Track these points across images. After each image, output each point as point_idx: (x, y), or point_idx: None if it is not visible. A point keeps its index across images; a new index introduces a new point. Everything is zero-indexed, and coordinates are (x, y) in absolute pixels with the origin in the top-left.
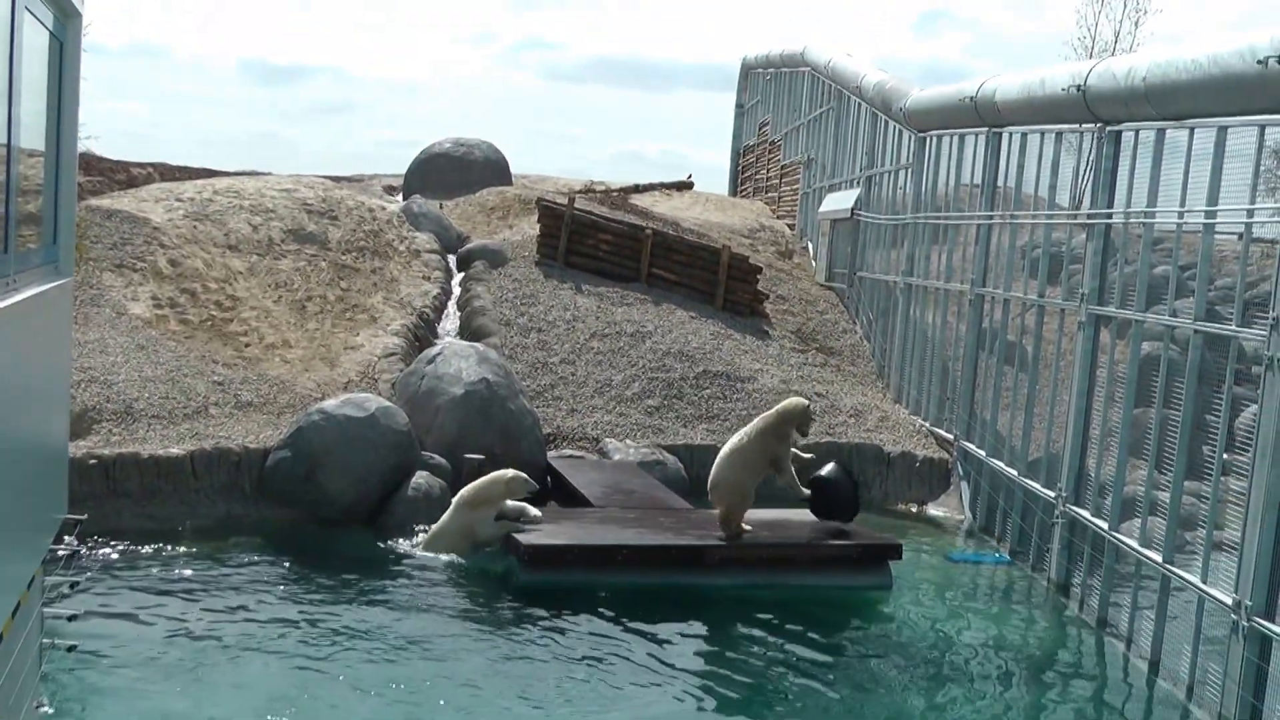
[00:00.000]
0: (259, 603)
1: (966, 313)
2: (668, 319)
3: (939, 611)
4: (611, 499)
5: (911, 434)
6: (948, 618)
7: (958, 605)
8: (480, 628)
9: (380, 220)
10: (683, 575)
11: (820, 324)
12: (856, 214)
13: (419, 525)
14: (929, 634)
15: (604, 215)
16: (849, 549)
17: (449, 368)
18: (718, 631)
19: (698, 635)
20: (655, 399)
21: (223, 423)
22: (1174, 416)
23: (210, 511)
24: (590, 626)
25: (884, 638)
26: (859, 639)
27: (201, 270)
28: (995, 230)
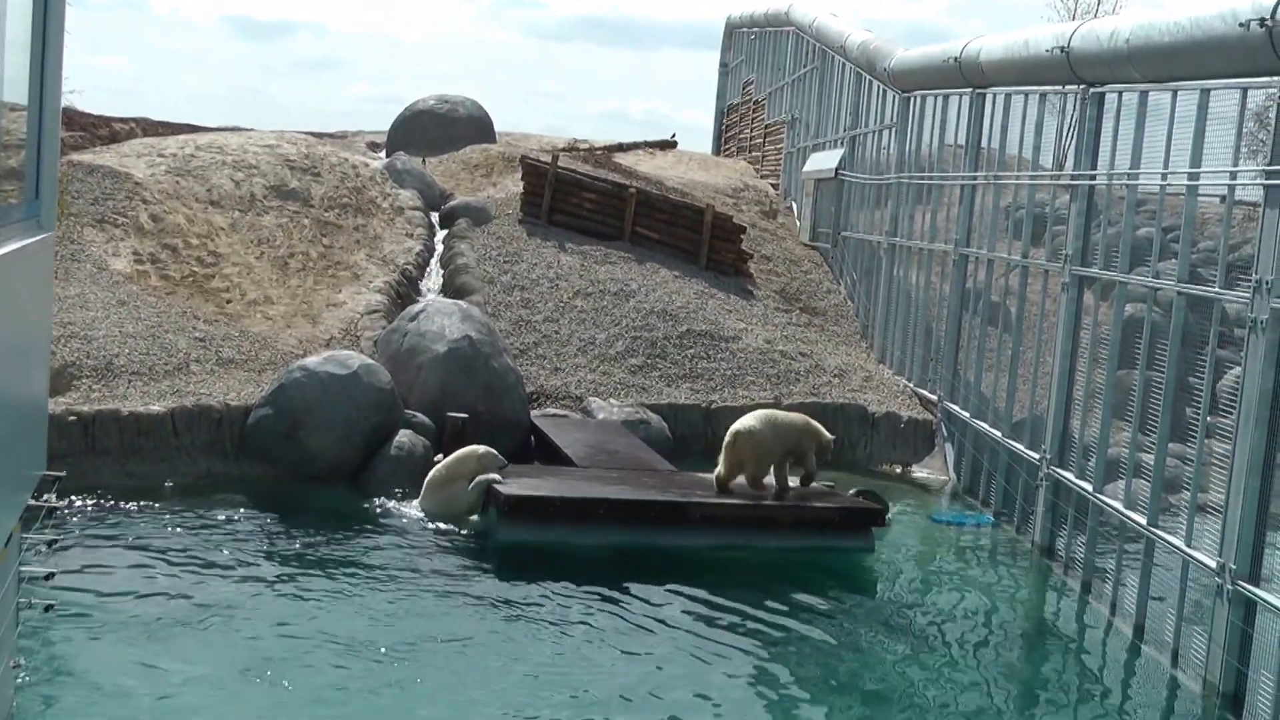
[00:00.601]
0: (240, 562)
1: (950, 273)
2: (651, 278)
3: (922, 574)
4: (595, 459)
5: (895, 394)
6: (931, 580)
7: (941, 567)
8: (461, 588)
9: (363, 177)
10: (664, 534)
11: (804, 284)
12: (840, 174)
13: (398, 489)
14: (911, 597)
15: (588, 174)
16: (831, 511)
17: (432, 325)
18: (699, 595)
19: (678, 598)
20: (639, 358)
21: (204, 380)
22: (1157, 378)
23: (191, 469)
24: (569, 589)
25: (866, 601)
26: (841, 602)
27: (183, 226)
28: (979, 191)
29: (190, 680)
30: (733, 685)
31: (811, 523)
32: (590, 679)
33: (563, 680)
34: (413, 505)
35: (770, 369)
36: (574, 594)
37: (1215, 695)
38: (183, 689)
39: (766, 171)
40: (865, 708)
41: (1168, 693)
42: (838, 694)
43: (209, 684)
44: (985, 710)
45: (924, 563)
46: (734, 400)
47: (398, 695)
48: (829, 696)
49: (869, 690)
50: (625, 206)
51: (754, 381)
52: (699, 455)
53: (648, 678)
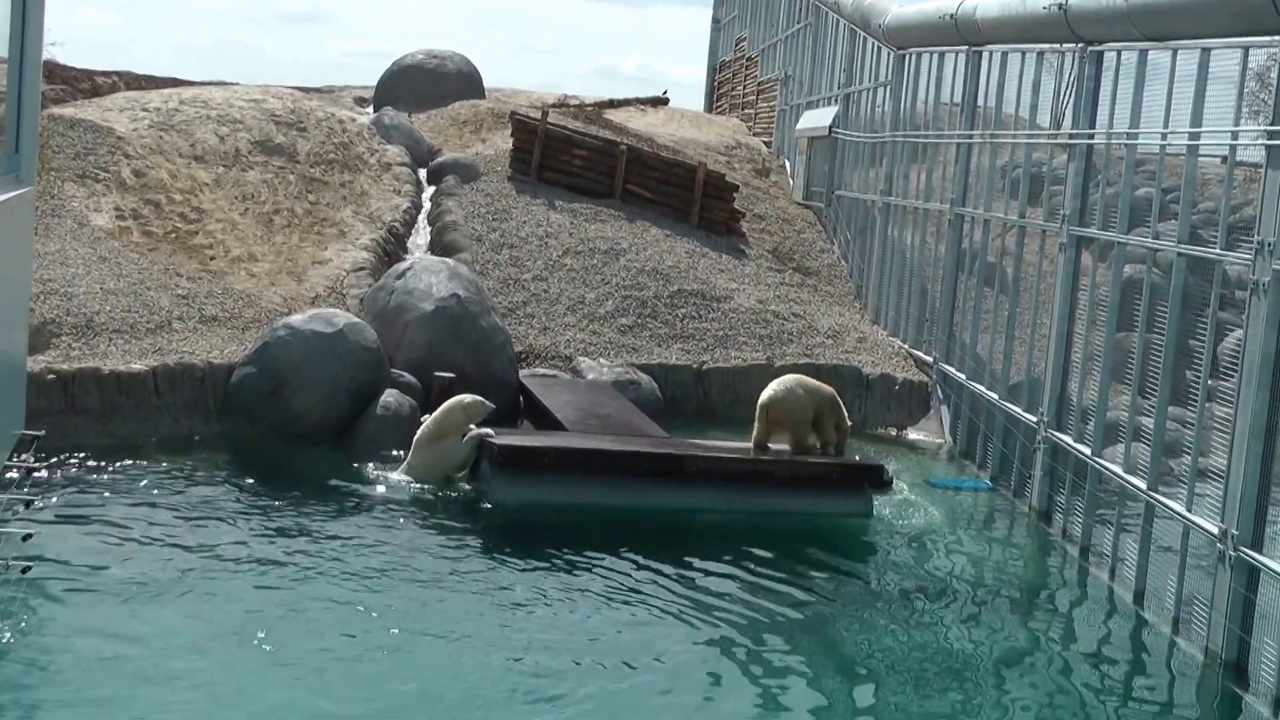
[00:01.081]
0: (222, 524)
1: (946, 233)
2: (642, 236)
3: (917, 538)
4: (586, 424)
5: (890, 356)
6: (925, 545)
7: (937, 532)
8: (451, 550)
9: (350, 132)
10: (659, 490)
11: (797, 243)
12: (834, 132)
13: (385, 450)
14: (908, 562)
15: (578, 130)
16: (828, 468)
17: (419, 283)
18: (695, 562)
19: (672, 562)
20: (629, 317)
21: (186, 337)
22: (1157, 341)
23: (173, 429)
24: (563, 553)
25: (862, 566)
26: (837, 567)
27: (166, 181)
28: (975, 150)
29: (172, 645)
30: (726, 651)
31: (809, 480)
32: (585, 645)
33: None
34: (397, 471)
35: (762, 330)
36: (568, 557)
37: (1217, 664)
38: (164, 654)
39: (759, 129)
40: (860, 674)
41: (1169, 661)
42: (832, 659)
43: (191, 649)
44: (983, 677)
45: (919, 527)
46: (725, 361)
47: (386, 662)
48: (824, 662)
49: (863, 656)
50: (616, 164)
51: (746, 342)
52: (690, 417)
53: (643, 644)
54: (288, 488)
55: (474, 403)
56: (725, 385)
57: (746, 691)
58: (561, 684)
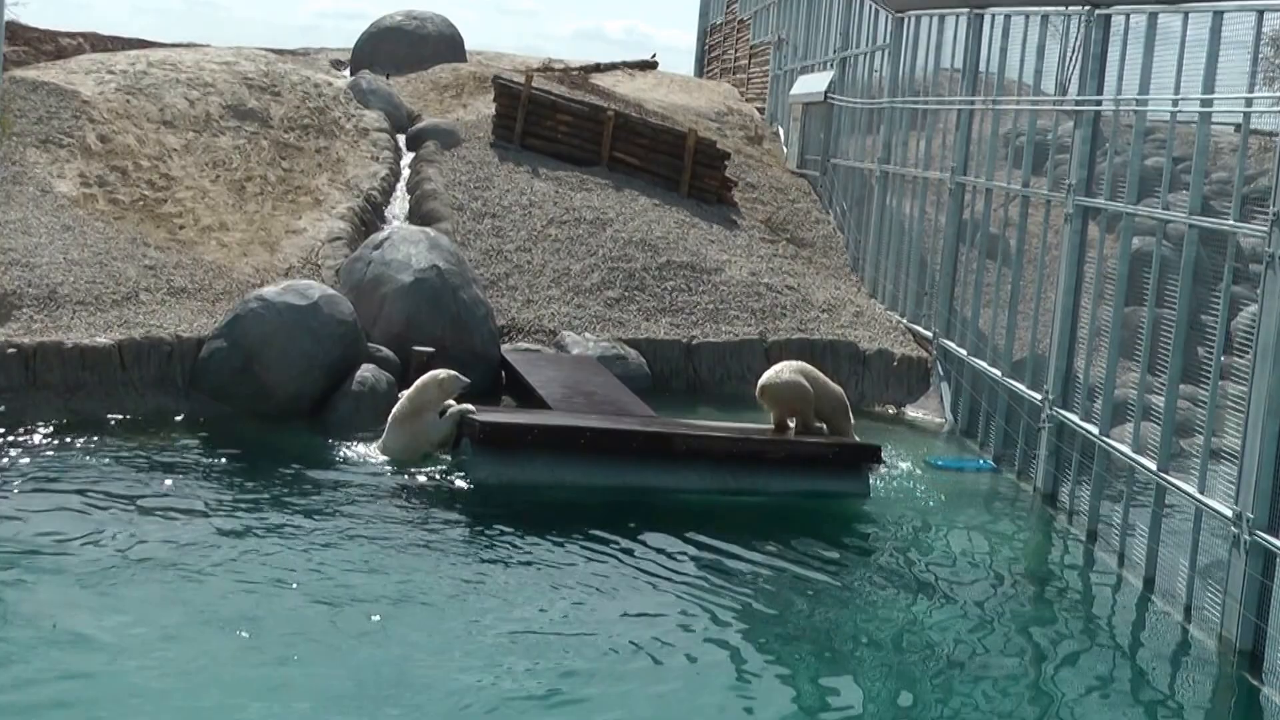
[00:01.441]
0: (191, 504)
1: (946, 203)
2: (630, 206)
3: (918, 522)
4: (571, 402)
5: (888, 331)
6: (927, 529)
7: (938, 515)
8: (431, 533)
9: (326, 96)
10: (648, 470)
11: (791, 213)
12: (830, 98)
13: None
14: (906, 546)
15: (563, 95)
16: (825, 448)
17: (397, 254)
18: (685, 545)
19: (662, 546)
20: (616, 290)
21: (154, 310)
22: (1168, 316)
23: (139, 405)
24: (547, 537)
25: (859, 551)
26: (833, 552)
27: (133, 147)
28: (977, 116)
29: (138, 631)
30: (719, 638)
31: (804, 460)
32: (573, 635)
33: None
34: (373, 447)
35: (755, 303)
36: (553, 540)
37: (1232, 652)
38: (130, 639)
39: (752, 95)
40: (857, 663)
41: (1181, 650)
42: (828, 648)
43: (160, 635)
44: (985, 666)
45: (919, 510)
46: (716, 335)
47: (367, 651)
48: (820, 651)
49: (861, 645)
50: (603, 130)
51: (737, 316)
52: (679, 394)
53: (632, 633)
54: (259, 467)
55: (449, 378)
56: (716, 361)
57: (737, 681)
58: (552, 676)
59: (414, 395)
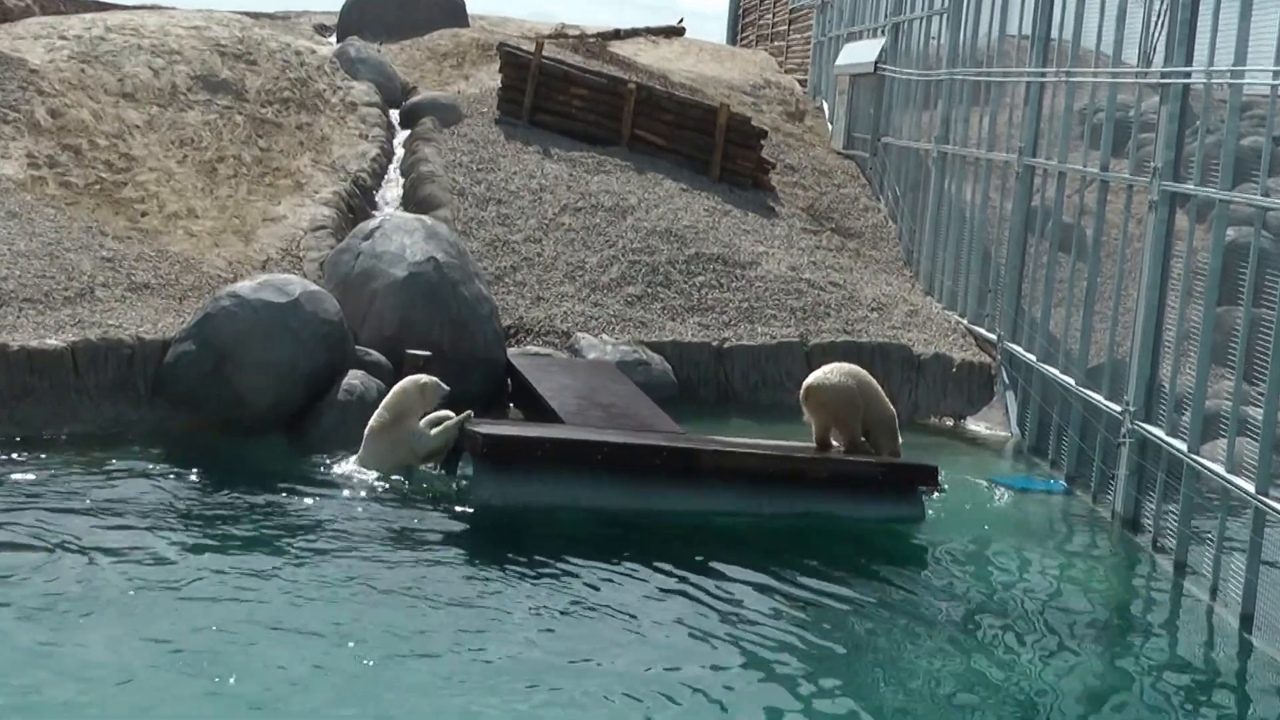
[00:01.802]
0: (153, 530)
1: (1013, 188)
2: (653, 191)
3: (979, 551)
4: (587, 415)
5: (946, 333)
6: (989, 560)
7: (1002, 544)
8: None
9: (309, 66)
10: (673, 492)
11: (836, 199)
12: (881, 68)
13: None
14: (967, 581)
15: (578, 66)
16: (874, 467)
17: (390, 244)
18: (715, 576)
19: (692, 582)
20: (637, 286)
21: (112, 308)
22: (1267, 316)
23: (94, 416)
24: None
25: (913, 584)
26: (881, 587)
27: (89, 123)
28: (1048, 90)
29: (94, 674)
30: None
31: (850, 480)
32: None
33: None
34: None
35: (795, 301)
36: (566, 570)
37: None
38: (85, 683)
39: (792, 65)
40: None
41: None
42: (880, 693)
43: (117, 678)
44: (1059, 716)
45: (981, 537)
46: (751, 338)
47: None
48: (870, 697)
49: (918, 691)
50: (623, 105)
51: (775, 316)
52: (708, 404)
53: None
54: (231, 486)
55: (430, 383)
56: (750, 366)
57: None
58: None
59: (392, 404)
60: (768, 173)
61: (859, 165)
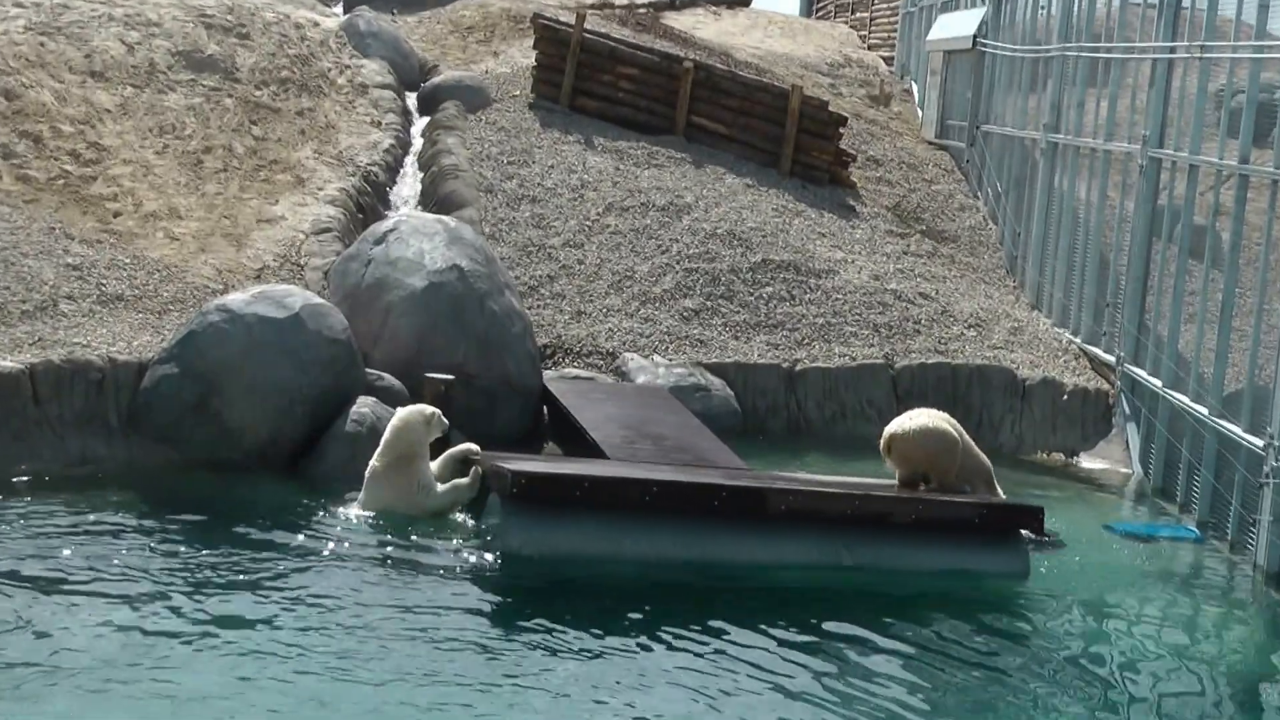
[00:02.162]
0: (128, 588)
1: (1136, 184)
2: (713, 188)
3: (1094, 610)
4: (635, 448)
5: (1056, 354)
6: (1107, 620)
7: (1122, 602)
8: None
9: (311, 41)
10: (737, 539)
11: (927, 197)
12: (981, 43)
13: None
14: (1080, 645)
15: (626, 41)
16: (970, 509)
17: (406, 250)
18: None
19: (760, 644)
20: (695, 298)
21: (79, 324)
22: None
23: (58, 452)
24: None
25: (1016, 649)
26: (981, 654)
27: (51, 107)
28: (1179, 68)
29: None
30: None
31: (942, 525)
32: None
33: None
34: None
35: (878, 316)
36: (610, 634)
37: None
38: None
39: (876, 40)
40: None
41: None
42: None
43: None
44: None
45: (1097, 594)
46: (827, 359)
47: None
48: None
49: None
50: (678, 87)
51: (855, 333)
52: (778, 436)
53: None
54: (219, 535)
55: (437, 414)
56: (826, 393)
57: None
58: None
59: (392, 441)
60: (847, 166)
61: (954, 158)
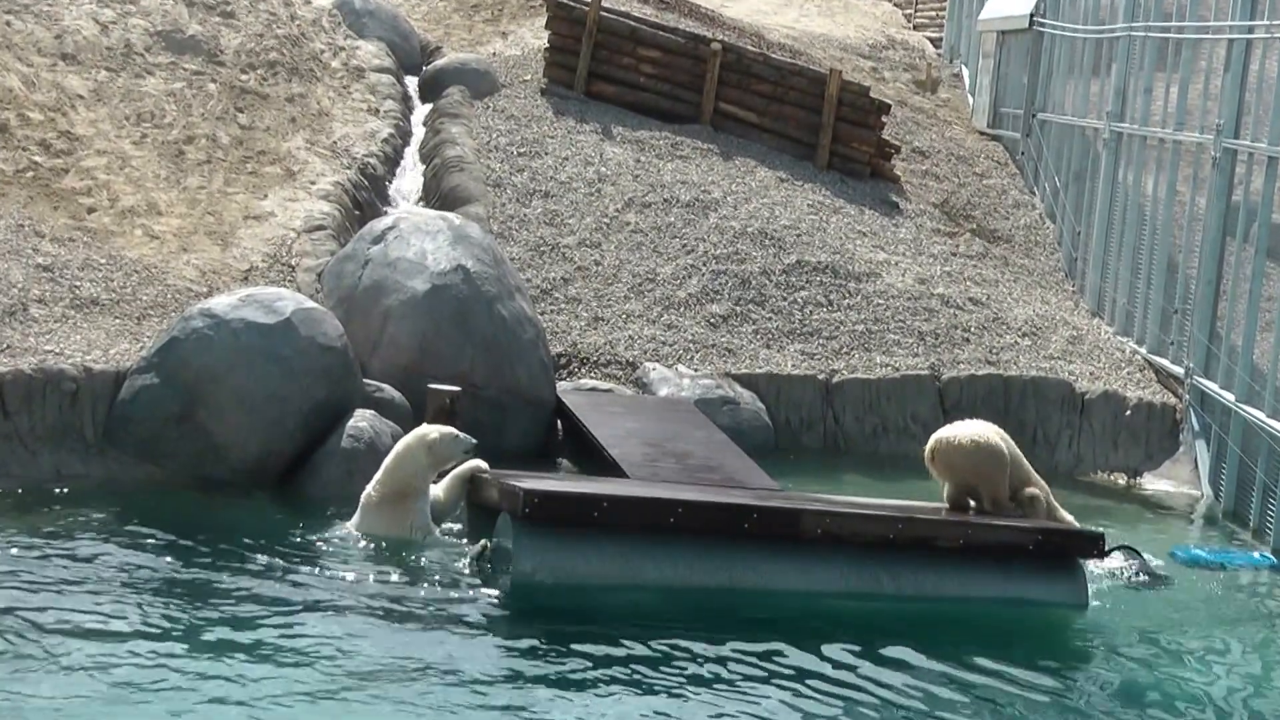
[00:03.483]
0: (102, 618)
1: (1209, 178)
2: (743, 181)
3: (1158, 645)
4: (657, 467)
5: (1119, 365)
6: (1175, 656)
7: (1191, 636)
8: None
9: (302, 20)
10: (768, 564)
11: (979, 193)
12: (1038, 23)
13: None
14: (1146, 682)
15: (648, 20)
16: (1023, 533)
17: (406, 250)
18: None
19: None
20: (723, 303)
21: (51, 329)
22: None
23: (29, 469)
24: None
25: (1074, 686)
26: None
27: (18, 92)
28: (1257, 50)
29: None
30: None
31: (992, 551)
32: None
33: None
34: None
35: (924, 323)
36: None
37: None
38: None
39: (923, 19)
40: None
41: None
42: None
43: None
44: None
45: (1163, 627)
46: (868, 370)
47: None
48: None
49: None
50: (705, 71)
51: (898, 342)
52: (814, 454)
53: None
54: (204, 560)
55: (444, 436)
56: (867, 406)
57: None
58: None
59: (392, 467)
60: (890, 158)
61: (1007, 149)
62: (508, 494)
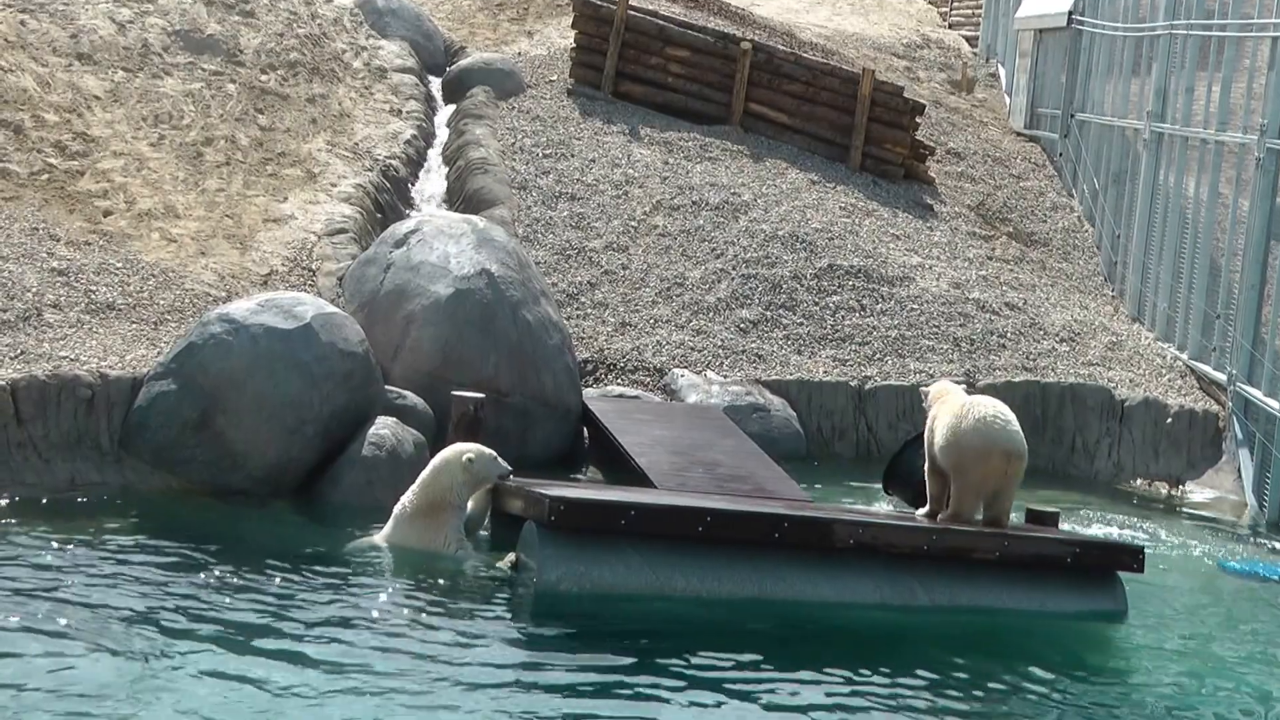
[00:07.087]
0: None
1: (1252, 179)
2: (774, 184)
3: (1202, 659)
4: (685, 476)
5: (1160, 372)
6: (1218, 670)
7: (1235, 650)
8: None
9: (324, 19)
10: (799, 575)
11: (1015, 195)
12: (1076, 20)
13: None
14: (1188, 699)
15: (677, 18)
16: (1062, 546)
17: (429, 254)
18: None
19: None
20: (753, 308)
21: (66, 335)
22: None
23: (43, 477)
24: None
25: (1113, 701)
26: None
27: (33, 93)
28: None
29: None
30: None
31: (1029, 563)
32: None
33: None
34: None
35: (959, 328)
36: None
37: None
38: None
39: (959, 18)
40: None
41: None
42: None
43: None
44: None
45: (1206, 641)
46: (901, 376)
47: None
48: None
49: None
50: (735, 71)
51: (933, 347)
52: (845, 463)
53: None
54: (222, 571)
55: (480, 456)
56: (901, 414)
57: None
58: None
59: (428, 482)
60: (925, 160)
61: (1045, 150)
62: (533, 501)
